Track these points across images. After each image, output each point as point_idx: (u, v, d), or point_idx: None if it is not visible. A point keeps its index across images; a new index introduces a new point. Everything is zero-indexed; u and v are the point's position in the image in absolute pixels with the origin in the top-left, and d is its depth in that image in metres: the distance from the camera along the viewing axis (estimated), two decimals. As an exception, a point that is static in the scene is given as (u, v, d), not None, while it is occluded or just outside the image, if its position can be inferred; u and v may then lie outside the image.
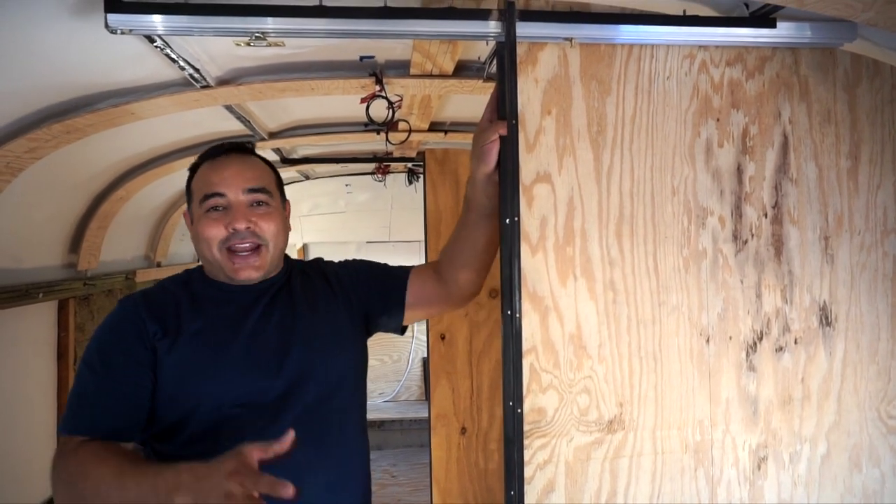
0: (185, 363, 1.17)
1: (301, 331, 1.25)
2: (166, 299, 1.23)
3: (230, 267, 1.21)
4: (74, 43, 1.44)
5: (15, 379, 2.30)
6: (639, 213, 1.29)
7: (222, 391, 1.17)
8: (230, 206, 1.21)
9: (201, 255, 1.25)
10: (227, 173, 1.22)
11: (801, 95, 1.35)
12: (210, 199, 1.21)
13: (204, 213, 1.22)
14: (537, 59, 1.26)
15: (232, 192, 1.21)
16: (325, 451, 1.22)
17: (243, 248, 1.21)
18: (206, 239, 1.21)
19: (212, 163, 1.26)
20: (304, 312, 1.28)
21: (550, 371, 1.25)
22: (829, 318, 1.36)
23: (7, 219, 2.04)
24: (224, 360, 1.18)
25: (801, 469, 1.34)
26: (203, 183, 1.24)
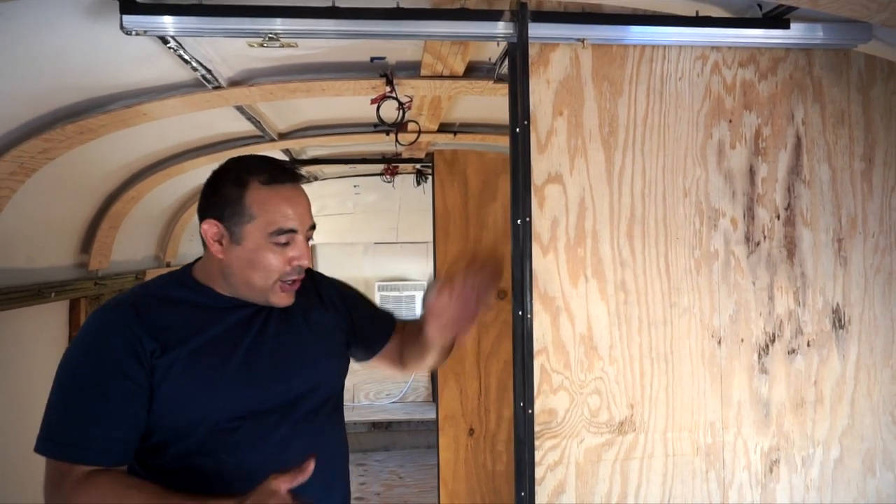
0: (186, 382, 1.12)
1: (296, 342, 1.24)
2: (161, 312, 1.15)
3: (279, 295, 1.19)
4: (89, 44, 1.45)
5: (26, 377, 2.32)
6: (650, 214, 1.28)
7: (222, 407, 1.13)
8: (295, 243, 1.18)
9: (247, 281, 1.18)
10: (301, 210, 1.19)
11: (814, 97, 1.34)
12: (285, 234, 1.16)
13: (270, 243, 1.16)
14: (549, 60, 1.26)
15: (301, 230, 1.19)
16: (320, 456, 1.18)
17: (294, 281, 1.20)
18: (266, 268, 1.16)
19: (281, 191, 1.18)
20: (299, 324, 1.26)
21: (561, 372, 1.24)
22: (842, 321, 1.35)
23: (20, 218, 2.06)
24: (225, 376, 1.15)
25: (813, 473, 1.33)
26: (278, 215, 1.17)
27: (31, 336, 2.35)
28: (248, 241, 1.16)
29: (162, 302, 1.17)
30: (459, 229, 2.99)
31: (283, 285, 1.19)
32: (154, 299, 1.18)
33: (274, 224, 1.16)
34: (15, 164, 1.74)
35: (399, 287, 5.54)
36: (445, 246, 2.98)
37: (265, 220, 1.16)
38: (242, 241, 1.17)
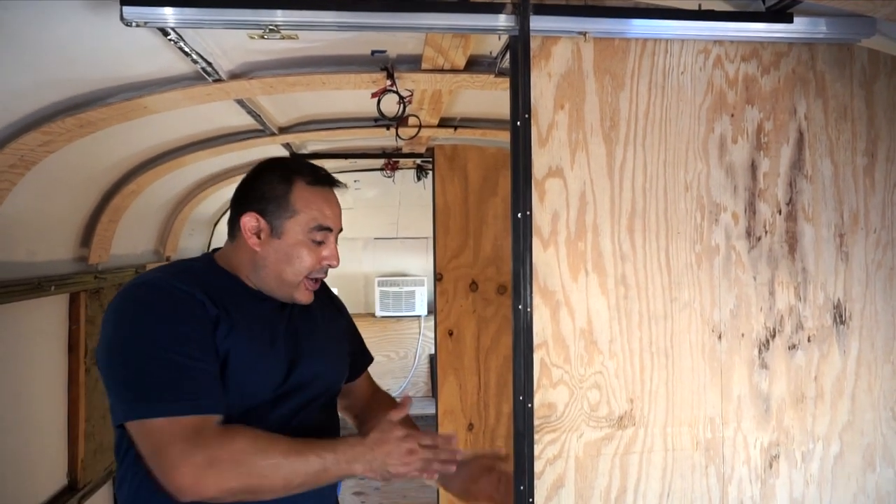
0: (239, 352, 1.15)
1: (317, 335, 1.31)
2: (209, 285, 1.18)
3: (303, 292, 1.24)
4: (89, 36, 1.44)
5: (26, 371, 2.32)
6: (651, 209, 1.28)
7: (260, 385, 1.18)
8: (328, 243, 1.25)
9: (278, 274, 1.22)
10: (338, 211, 1.27)
11: (817, 91, 1.34)
12: (323, 231, 1.23)
13: (309, 241, 1.22)
14: (551, 54, 1.25)
15: (335, 230, 1.26)
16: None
17: (318, 280, 1.27)
18: (300, 263, 1.22)
19: (323, 192, 1.25)
20: (319, 320, 1.34)
21: (561, 366, 1.24)
22: (843, 317, 1.35)
23: (20, 212, 2.06)
24: (267, 355, 1.19)
25: (813, 468, 1.33)
26: (319, 213, 1.23)
27: (31, 329, 2.35)
28: (289, 236, 1.22)
29: (204, 278, 1.20)
30: (459, 224, 2.99)
31: (309, 282, 1.25)
32: (197, 275, 1.20)
33: (315, 220, 1.22)
34: (15, 157, 1.74)
35: (399, 282, 5.54)
36: (445, 241, 2.97)
37: (308, 217, 1.22)
38: (283, 236, 1.22)
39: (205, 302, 1.14)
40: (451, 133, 2.92)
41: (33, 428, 2.37)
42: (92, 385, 2.70)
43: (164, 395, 1.07)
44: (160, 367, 1.09)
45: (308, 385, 1.24)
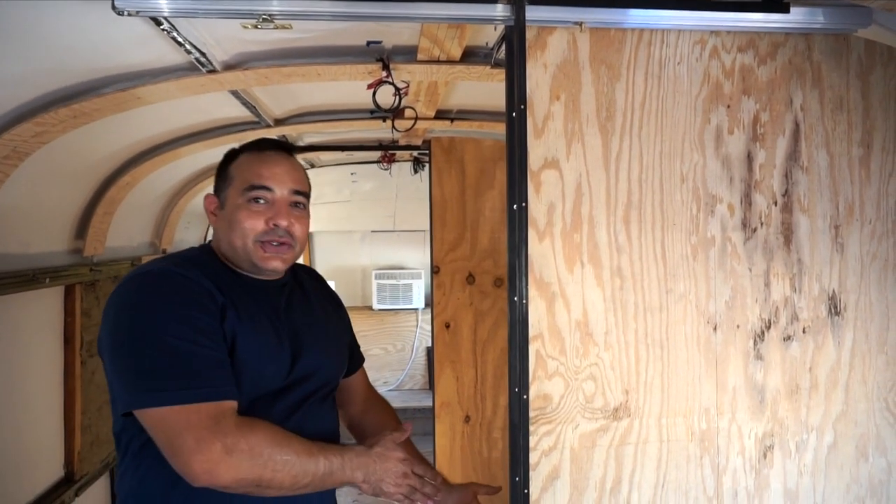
0: (246, 342, 1.15)
1: (317, 328, 1.30)
2: (213, 274, 1.18)
3: (261, 255, 1.19)
4: (81, 26, 1.43)
5: (22, 364, 2.31)
6: (647, 200, 1.28)
7: (267, 375, 1.17)
8: (274, 203, 1.20)
9: (229, 242, 1.21)
10: (278, 170, 1.22)
11: (813, 82, 1.33)
12: (257, 190, 1.19)
13: (246, 203, 1.19)
14: (546, 44, 1.25)
15: (279, 189, 1.21)
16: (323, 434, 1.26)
17: (278, 244, 1.20)
18: (242, 228, 1.18)
19: (260, 155, 1.24)
20: (318, 313, 1.34)
21: (556, 358, 1.24)
22: (837, 308, 1.35)
23: (14, 203, 2.05)
24: (272, 346, 1.19)
25: (807, 458, 1.34)
26: (251, 173, 1.21)
27: (26, 322, 2.35)
28: (229, 203, 1.21)
29: (207, 267, 1.20)
30: (456, 217, 2.99)
31: (265, 246, 1.19)
32: (200, 264, 1.19)
33: (247, 181, 1.20)
34: (8, 149, 1.73)
35: (396, 275, 5.54)
36: (442, 234, 2.97)
37: (240, 180, 1.21)
38: (225, 204, 1.22)
39: (212, 290, 1.13)
40: (448, 125, 2.91)
41: (29, 420, 2.37)
42: (88, 377, 2.70)
43: (179, 382, 1.06)
44: (173, 354, 1.07)
45: (310, 377, 1.24)
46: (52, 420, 2.51)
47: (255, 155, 1.24)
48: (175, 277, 1.13)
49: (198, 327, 1.09)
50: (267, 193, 1.20)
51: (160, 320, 1.09)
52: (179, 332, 1.08)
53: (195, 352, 1.08)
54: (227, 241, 1.21)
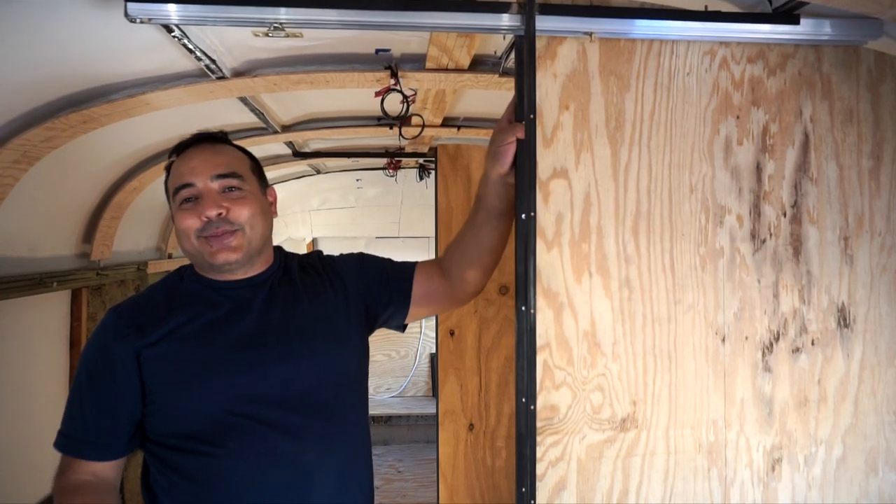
0: (173, 367, 1.14)
1: (301, 328, 1.22)
2: (153, 303, 1.21)
3: (208, 251, 1.17)
4: (92, 32, 1.44)
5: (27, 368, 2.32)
6: (656, 211, 1.28)
7: (214, 396, 1.13)
8: (201, 196, 1.18)
9: (184, 250, 1.22)
10: (195, 163, 1.20)
11: (823, 93, 1.33)
12: (181, 190, 1.19)
13: (178, 207, 1.20)
14: (556, 54, 1.25)
15: (200, 181, 1.18)
16: (331, 450, 1.19)
17: (217, 235, 1.18)
18: (182, 230, 1.19)
19: (179, 157, 1.24)
20: (304, 309, 1.24)
21: (564, 368, 1.24)
22: (847, 320, 1.34)
23: (23, 208, 2.06)
24: (213, 364, 1.14)
25: (815, 471, 1.33)
26: (174, 177, 1.22)
27: (33, 326, 2.35)
28: (174, 212, 1.22)
29: (158, 294, 1.24)
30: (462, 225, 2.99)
31: (208, 241, 1.18)
32: (152, 294, 1.25)
33: (173, 186, 1.21)
34: (18, 153, 1.74)
35: (400, 282, 5.53)
36: (447, 241, 2.96)
37: (171, 188, 1.23)
38: (173, 216, 1.23)
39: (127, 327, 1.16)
40: (455, 133, 2.92)
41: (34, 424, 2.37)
42: (93, 382, 2.70)
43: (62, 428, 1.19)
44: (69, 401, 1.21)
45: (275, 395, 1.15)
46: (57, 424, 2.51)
47: (177, 160, 1.24)
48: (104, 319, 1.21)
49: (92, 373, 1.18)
50: (191, 190, 1.18)
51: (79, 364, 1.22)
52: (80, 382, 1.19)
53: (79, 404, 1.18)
54: (182, 249, 1.23)
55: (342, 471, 1.21)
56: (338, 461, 1.20)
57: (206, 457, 1.12)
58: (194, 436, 1.13)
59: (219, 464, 1.12)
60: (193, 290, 1.22)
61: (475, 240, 1.32)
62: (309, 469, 1.15)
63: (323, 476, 1.17)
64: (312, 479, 1.14)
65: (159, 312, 1.18)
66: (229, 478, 1.11)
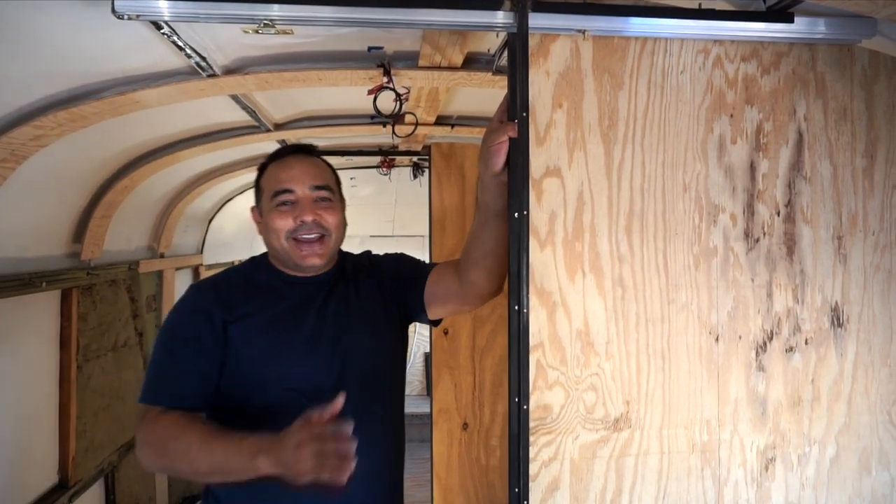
0: (254, 347, 1.30)
1: (351, 324, 1.38)
2: (235, 287, 1.37)
3: (298, 254, 1.35)
4: (80, 29, 1.42)
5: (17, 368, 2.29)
6: (649, 210, 1.27)
7: (282, 376, 1.29)
8: (298, 201, 1.34)
9: (270, 246, 1.39)
10: (295, 171, 1.36)
11: (817, 92, 1.33)
12: (280, 195, 1.34)
13: (274, 208, 1.35)
14: (549, 52, 1.24)
15: (299, 189, 1.35)
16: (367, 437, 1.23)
17: (309, 237, 1.34)
18: (275, 230, 1.34)
19: (280, 162, 1.39)
20: (354, 306, 1.41)
21: (557, 367, 1.23)
22: (840, 319, 1.34)
23: (11, 207, 2.03)
24: (287, 348, 1.31)
25: (809, 471, 1.32)
26: (273, 181, 1.37)
27: (22, 326, 2.33)
28: (265, 211, 1.37)
29: (241, 280, 1.39)
30: (456, 223, 2.97)
31: (299, 244, 1.34)
32: (232, 278, 1.41)
33: (270, 189, 1.36)
34: (6, 152, 1.72)
35: (395, 281, 5.52)
36: (442, 240, 2.96)
37: (267, 190, 1.37)
38: (263, 214, 1.38)
39: (214, 309, 1.30)
40: (448, 131, 2.90)
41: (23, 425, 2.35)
42: (84, 382, 2.68)
43: (144, 383, 1.29)
44: (154, 360, 1.32)
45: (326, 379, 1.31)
46: (47, 425, 2.49)
47: (276, 164, 1.39)
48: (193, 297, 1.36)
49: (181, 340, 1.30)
50: (289, 195, 1.34)
51: (165, 330, 1.34)
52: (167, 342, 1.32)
53: (165, 361, 1.30)
54: (269, 244, 1.39)
55: (377, 458, 1.35)
56: (374, 449, 1.33)
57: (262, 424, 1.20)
58: (256, 406, 1.29)
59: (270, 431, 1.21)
60: (267, 281, 1.39)
61: (478, 242, 1.35)
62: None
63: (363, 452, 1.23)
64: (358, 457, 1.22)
65: (238, 296, 1.34)
66: None
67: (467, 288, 1.40)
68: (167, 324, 1.36)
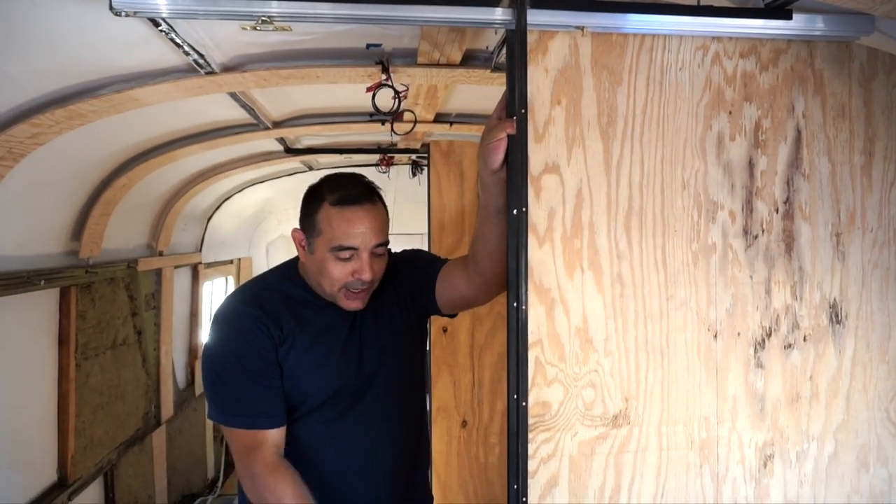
0: (300, 363, 1.38)
1: (378, 332, 1.47)
2: (275, 303, 1.41)
3: (344, 301, 1.40)
4: (78, 27, 1.42)
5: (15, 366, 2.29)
6: (648, 206, 1.27)
7: (323, 386, 1.40)
8: (358, 257, 1.36)
9: (318, 283, 1.41)
10: (363, 229, 1.36)
11: (815, 89, 1.33)
12: (344, 250, 1.35)
13: (334, 257, 1.36)
14: (548, 48, 1.24)
15: (364, 248, 1.36)
16: (391, 436, 1.46)
17: (359, 291, 1.39)
18: (329, 277, 1.37)
19: (348, 212, 1.36)
20: (379, 313, 1.48)
21: (556, 364, 1.23)
22: (839, 316, 1.34)
23: (10, 205, 2.03)
24: (326, 361, 1.40)
25: (807, 468, 1.33)
26: (337, 232, 1.35)
27: (21, 324, 2.33)
28: (318, 252, 1.38)
29: (279, 296, 1.43)
30: (455, 221, 2.97)
31: (348, 293, 1.39)
32: (273, 294, 1.43)
33: (335, 241, 1.36)
34: (3, 150, 1.71)
35: (393, 279, 5.52)
36: (441, 238, 2.95)
37: (329, 237, 1.36)
38: (314, 252, 1.39)
39: (269, 325, 1.36)
40: (447, 129, 2.90)
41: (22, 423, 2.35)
42: (82, 380, 2.68)
43: (229, 407, 1.37)
44: (228, 383, 1.37)
45: (370, 382, 1.43)
46: (46, 423, 2.49)
47: (341, 211, 1.36)
48: (242, 315, 1.39)
49: (251, 361, 1.36)
50: (352, 252, 1.36)
51: (224, 352, 1.38)
52: (236, 366, 1.36)
53: (244, 385, 1.35)
54: (315, 280, 1.41)
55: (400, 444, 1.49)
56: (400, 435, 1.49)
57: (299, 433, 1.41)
58: (298, 407, 1.40)
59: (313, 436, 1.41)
60: (303, 298, 1.44)
61: (481, 239, 1.37)
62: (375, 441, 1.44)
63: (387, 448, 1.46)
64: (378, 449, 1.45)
65: (282, 313, 1.39)
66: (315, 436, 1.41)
67: (475, 284, 1.43)
68: (232, 339, 1.38)
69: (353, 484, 1.43)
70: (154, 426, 3.63)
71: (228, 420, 1.37)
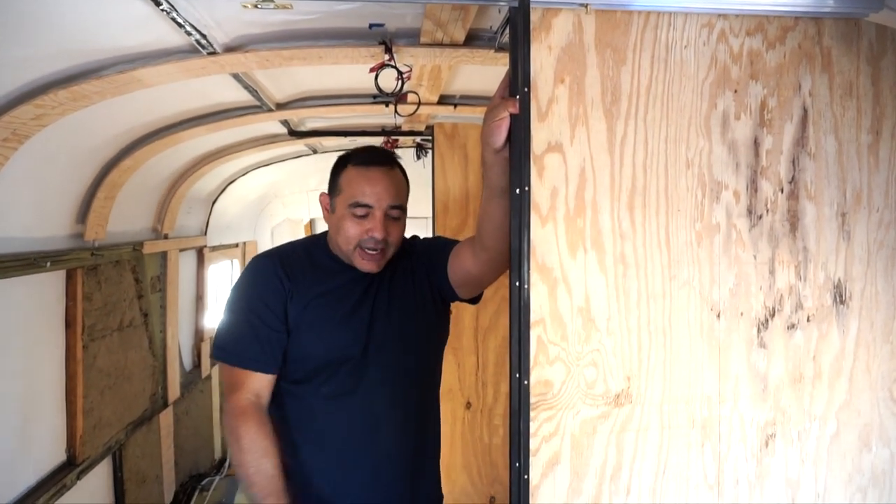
0: (306, 320, 1.43)
1: (389, 306, 1.50)
2: (297, 263, 1.48)
3: (359, 261, 1.46)
4: (80, 7, 1.41)
5: (23, 348, 2.31)
6: (652, 186, 1.26)
7: (326, 347, 1.44)
8: (372, 216, 1.43)
9: (335, 240, 1.49)
10: (379, 189, 1.44)
11: (822, 67, 1.31)
12: (359, 207, 1.43)
13: (349, 214, 1.44)
14: (551, 26, 1.22)
15: (378, 207, 1.44)
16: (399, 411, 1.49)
17: (373, 250, 1.44)
18: (345, 233, 1.45)
19: (366, 172, 1.45)
20: (395, 289, 1.52)
21: (558, 343, 1.23)
22: (843, 296, 1.33)
23: (15, 187, 2.04)
24: (332, 323, 1.45)
25: (809, 447, 1.33)
26: (356, 189, 1.44)
27: (27, 306, 2.35)
28: (338, 211, 1.47)
29: (302, 257, 1.51)
30: (459, 204, 2.97)
31: (362, 252, 1.45)
32: (297, 254, 1.52)
33: (353, 197, 1.44)
34: (7, 131, 1.72)
35: (398, 262, 5.52)
36: (445, 220, 2.95)
37: (347, 194, 1.45)
38: (335, 210, 1.48)
39: (282, 279, 1.43)
40: (451, 111, 2.89)
41: (31, 404, 2.37)
42: (90, 362, 2.70)
43: (224, 343, 1.45)
44: (229, 322, 1.45)
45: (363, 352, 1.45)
46: (54, 404, 2.52)
47: (361, 171, 1.45)
48: (261, 265, 1.49)
49: (253, 307, 1.42)
50: (368, 209, 1.43)
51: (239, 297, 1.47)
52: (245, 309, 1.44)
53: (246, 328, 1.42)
54: (335, 242, 1.49)
55: (409, 420, 1.52)
56: (405, 412, 1.51)
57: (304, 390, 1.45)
58: (298, 372, 1.44)
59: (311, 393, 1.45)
60: (323, 261, 1.51)
61: (487, 218, 1.38)
62: (378, 415, 1.47)
63: (391, 420, 1.48)
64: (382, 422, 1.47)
65: (298, 269, 1.46)
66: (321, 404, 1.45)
67: (481, 261, 1.46)
68: (242, 289, 1.47)
69: (354, 460, 1.45)
70: (161, 407, 3.67)
71: (219, 354, 1.44)
